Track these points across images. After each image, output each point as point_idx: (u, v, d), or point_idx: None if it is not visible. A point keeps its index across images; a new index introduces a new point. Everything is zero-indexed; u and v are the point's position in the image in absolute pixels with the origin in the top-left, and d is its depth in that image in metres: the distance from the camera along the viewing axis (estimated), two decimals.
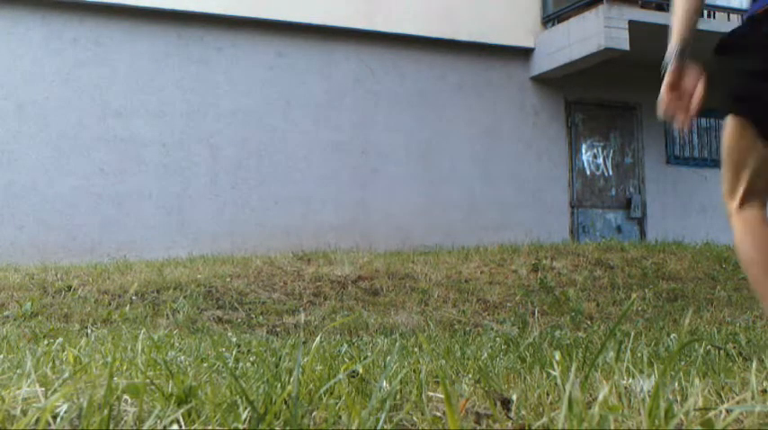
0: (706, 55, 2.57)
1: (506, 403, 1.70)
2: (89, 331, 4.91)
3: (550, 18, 11.54)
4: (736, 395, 1.80)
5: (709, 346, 2.89)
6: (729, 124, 2.58)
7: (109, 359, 2.39)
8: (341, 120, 10.66)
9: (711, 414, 1.39)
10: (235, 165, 10.02)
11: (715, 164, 12.78)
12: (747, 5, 2.57)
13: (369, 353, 2.88)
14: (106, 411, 1.30)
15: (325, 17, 10.53)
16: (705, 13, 11.63)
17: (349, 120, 10.71)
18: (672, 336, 3.76)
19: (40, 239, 9.22)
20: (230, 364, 2.42)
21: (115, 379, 1.60)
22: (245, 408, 1.48)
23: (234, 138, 10.07)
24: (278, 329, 5.72)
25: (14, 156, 9.36)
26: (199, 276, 6.69)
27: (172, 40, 10.02)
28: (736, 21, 11.59)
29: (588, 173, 11.99)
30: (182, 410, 1.50)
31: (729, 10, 11.61)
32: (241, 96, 10.16)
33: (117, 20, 9.84)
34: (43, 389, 1.64)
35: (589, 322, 6.12)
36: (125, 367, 2.27)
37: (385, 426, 1.41)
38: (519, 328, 5.63)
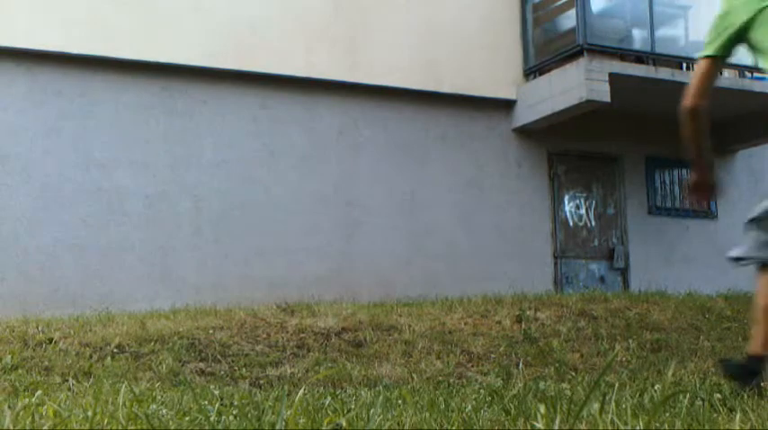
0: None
1: None
2: (70, 384, 4.85)
3: (532, 70, 11.66)
4: None
5: (693, 397, 2.89)
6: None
7: (89, 413, 2.37)
8: (324, 171, 10.68)
9: None
10: (218, 216, 10.01)
11: (696, 214, 12.87)
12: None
13: (352, 406, 2.87)
14: None
15: (309, 69, 10.60)
16: None
17: (332, 171, 10.74)
18: (656, 387, 3.76)
19: (22, 291, 9.13)
20: (212, 418, 2.40)
21: None
22: None
23: (217, 189, 10.06)
24: (261, 382, 5.68)
25: None
26: (181, 328, 6.65)
27: (156, 92, 10.06)
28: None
29: (571, 223, 12.04)
30: None
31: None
32: (225, 148, 10.18)
33: (102, 72, 9.87)
34: None
35: (573, 373, 6.10)
36: (106, 421, 2.24)
37: None
38: (503, 380, 5.61)
